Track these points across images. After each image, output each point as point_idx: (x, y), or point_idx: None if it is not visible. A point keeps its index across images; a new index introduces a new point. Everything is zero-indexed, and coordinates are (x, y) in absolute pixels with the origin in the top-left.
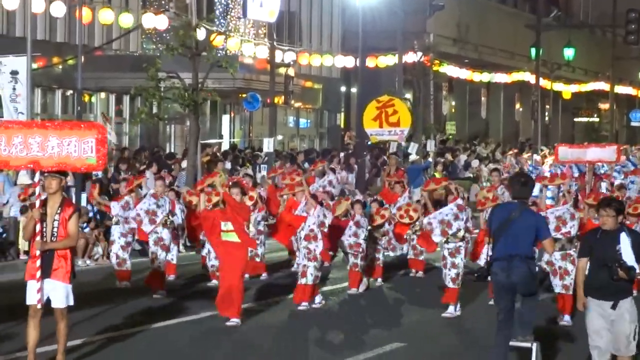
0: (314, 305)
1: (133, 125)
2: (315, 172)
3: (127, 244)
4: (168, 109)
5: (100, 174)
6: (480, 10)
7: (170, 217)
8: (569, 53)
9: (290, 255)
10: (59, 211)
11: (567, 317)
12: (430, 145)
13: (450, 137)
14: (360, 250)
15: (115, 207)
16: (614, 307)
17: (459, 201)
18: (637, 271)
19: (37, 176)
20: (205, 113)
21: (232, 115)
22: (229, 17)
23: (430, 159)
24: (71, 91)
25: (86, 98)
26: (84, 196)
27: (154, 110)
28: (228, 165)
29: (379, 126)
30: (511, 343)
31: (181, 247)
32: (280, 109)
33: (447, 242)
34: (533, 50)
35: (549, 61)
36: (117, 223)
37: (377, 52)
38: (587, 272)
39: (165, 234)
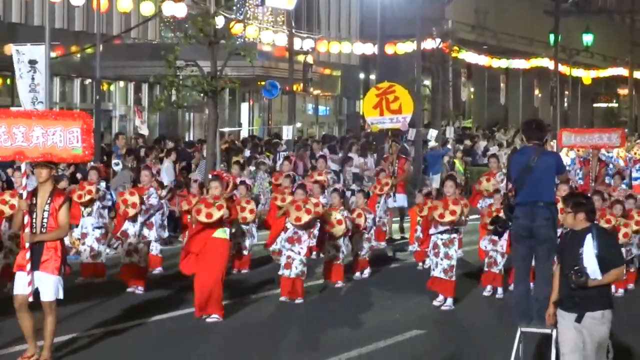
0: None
1: (152, 113)
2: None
3: (103, 236)
4: (187, 97)
5: (119, 162)
6: None
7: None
8: (587, 39)
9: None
10: (49, 201)
11: None
12: (449, 131)
13: (469, 125)
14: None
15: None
16: (578, 320)
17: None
18: (593, 278)
19: (24, 166)
20: (224, 101)
21: (251, 103)
22: (247, 4)
23: (449, 146)
24: (90, 80)
25: (105, 87)
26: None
27: (173, 98)
28: (247, 153)
29: (379, 114)
30: (529, 329)
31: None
32: (299, 97)
33: (441, 232)
34: (552, 36)
35: (567, 47)
36: (89, 214)
37: (396, 38)
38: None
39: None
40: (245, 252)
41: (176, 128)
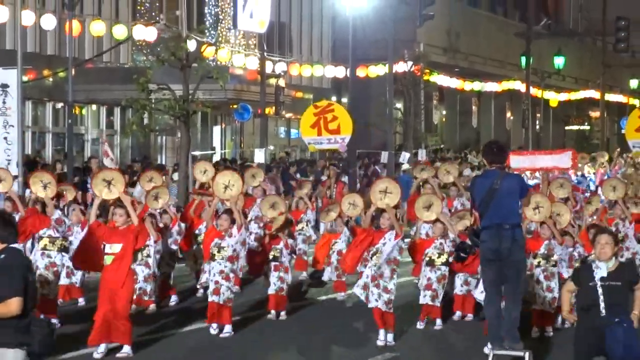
0: (221, 335)
1: (124, 137)
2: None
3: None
4: (159, 120)
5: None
6: (471, 19)
7: (65, 242)
8: (559, 61)
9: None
10: None
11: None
12: (421, 154)
13: (440, 148)
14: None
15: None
16: None
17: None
18: None
19: None
20: (196, 124)
21: (223, 126)
22: (219, 28)
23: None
24: (62, 104)
25: (77, 110)
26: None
27: (145, 121)
28: None
29: (317, 134)
30: (502, 352)
31: None
32: (271, 120)
33: (378, 267)
34: (523, 59)
35: (539, 70)
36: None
37: (368, 61)
38: None
39: (59, 259)
40: (170, 281)
41: (148, 151)
